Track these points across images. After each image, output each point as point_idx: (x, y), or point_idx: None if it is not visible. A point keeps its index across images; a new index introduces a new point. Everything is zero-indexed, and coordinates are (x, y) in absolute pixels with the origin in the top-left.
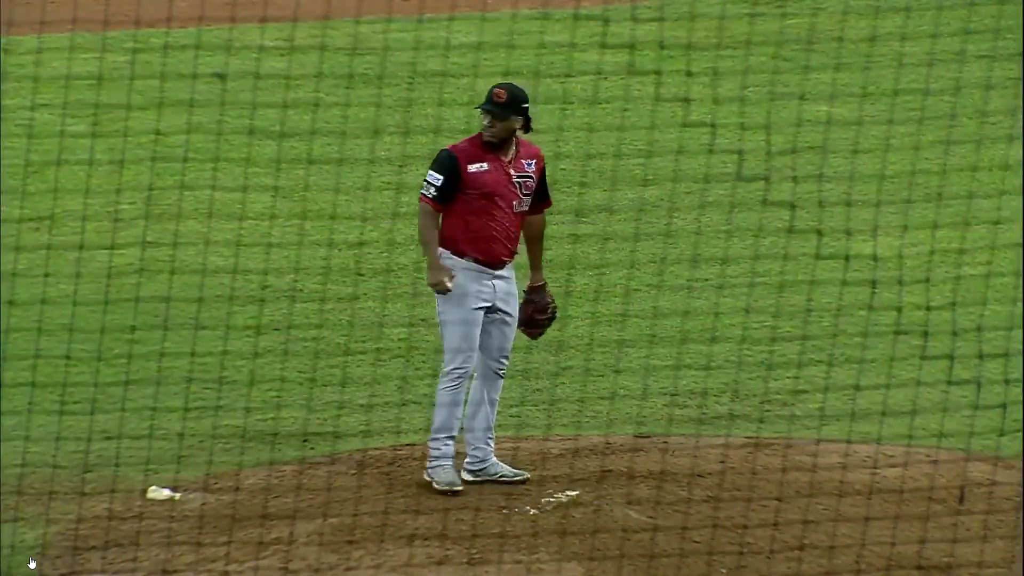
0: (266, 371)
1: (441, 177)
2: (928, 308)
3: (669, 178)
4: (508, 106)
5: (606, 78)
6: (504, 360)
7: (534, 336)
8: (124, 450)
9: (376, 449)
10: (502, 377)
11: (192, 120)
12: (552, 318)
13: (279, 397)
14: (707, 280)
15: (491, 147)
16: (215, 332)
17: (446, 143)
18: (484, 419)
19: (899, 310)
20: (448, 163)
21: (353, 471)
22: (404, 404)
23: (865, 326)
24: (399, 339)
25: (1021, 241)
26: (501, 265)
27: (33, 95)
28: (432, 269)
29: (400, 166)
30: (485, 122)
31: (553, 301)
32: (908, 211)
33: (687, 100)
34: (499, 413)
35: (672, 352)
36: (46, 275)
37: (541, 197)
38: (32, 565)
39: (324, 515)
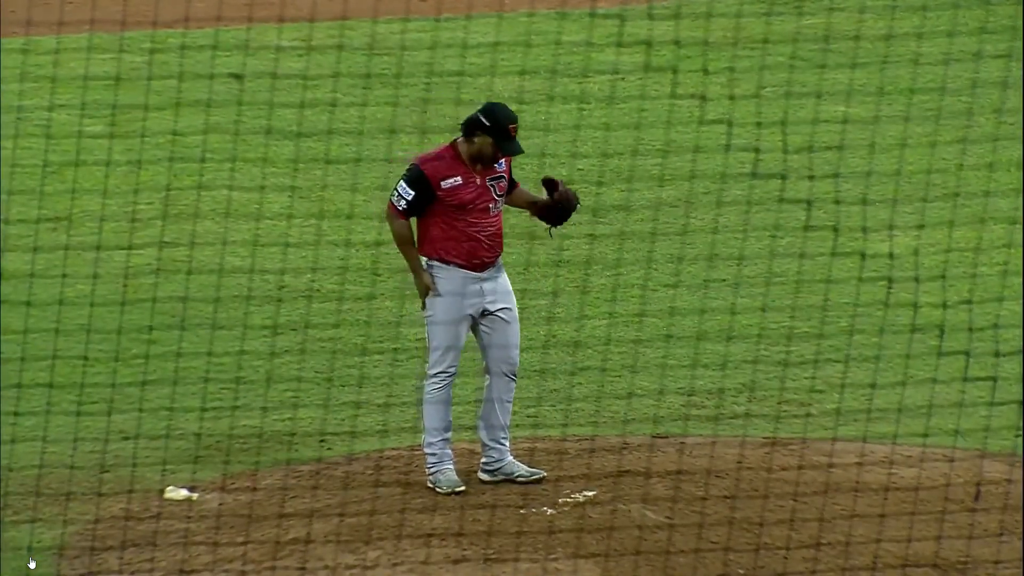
0: (283, 371)
1: (413, 192)
2: (944, 306)
3: (686, 177)
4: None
5: (623, 77)
6: (511, 360)
7: (555, 221)
8: (141, 450)
9: (393, 449)
10: (513, 378)
11: (209, 120)
12: (567, 203)
13: (296, 397)
14: (724, 279)
15: (466, 159)
16: (232, 332)
17: None
18: (497, 418)
19: (915, 308)
20: (420, 181)
21: (370, 471)
22: (421, 403)
23: (881, 324)
24: (416, 339)
25: None
26: (485, 267)
27: (51, 95)
28: (417, 274)
29: None
30: (501, 160)
31: (571, 195)
32: (924, 209)
33: (704, 99)
34: (516, 413)
35: (689, 351)
36: (64, 275)
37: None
38: (32, 565)
39: (341, 515)
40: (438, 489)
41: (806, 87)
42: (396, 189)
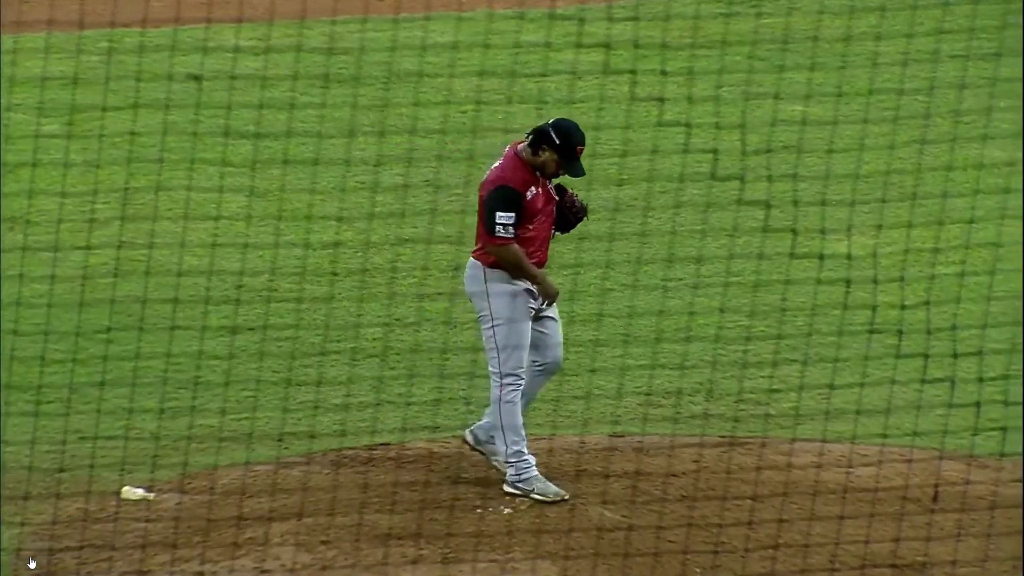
0: (241, 372)
1: (513, 215)
2: (902, 307)
3: (644, 178)
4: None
5: (581, 78)
6: (559, 357)
7: (562, 228)
8: (99, 451)
9: (351, 449)
10: (551, 375)
11: (167, 121)
12: (571, 209)
13: (254, 397)
14: (682, 280)
15: (532, 167)
16: (190, 333)
17: (422, 143)
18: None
19: (873, 309)
20: (515, 199)
21: (328, 471)
22: (379, 404)
23: (839, 325)
24: (374, 339)
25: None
26: (541, 267)
27: (8, 96)
28: (543, 282)
29: (376, 166)
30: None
31: (578, 203)
32: (882, 210)
33: (662, 100)
34: (472, 413)
35: (647, 352)
36: (21, 276)
37: None
38: (32, 565)
39: (299, 515)
40: (536, 496)
41: (764, 88)
42: (496, 222)
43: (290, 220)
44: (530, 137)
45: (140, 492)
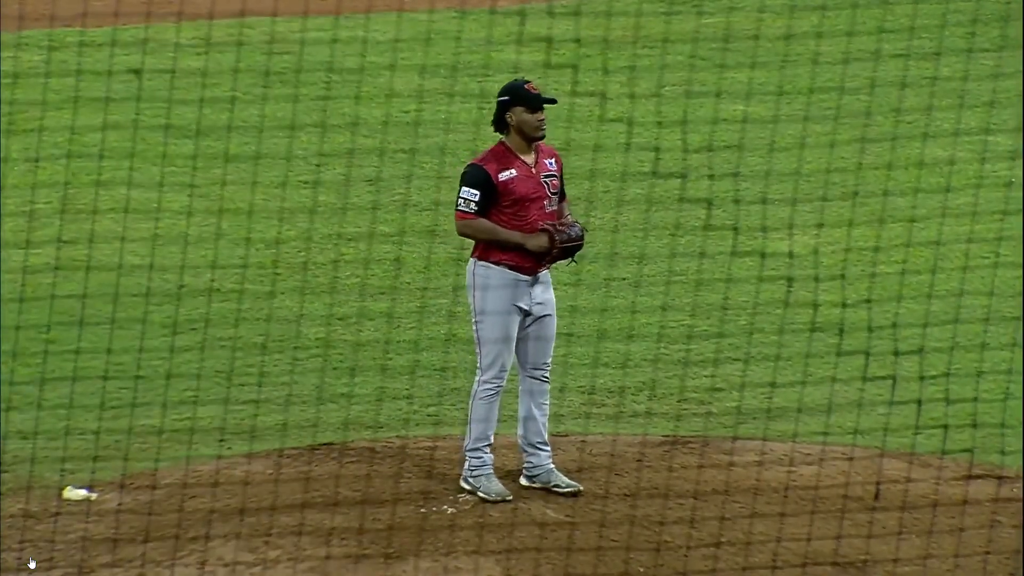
0: (183, 369)
1: (478, 192)
2: (844, 305)
3: (586, 176)
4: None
5: (523, 75)
6: (548, 362)
7: (565, 256)
8: (40, 450)
9: (293, 448)
10: (547, 381)
11: (108, 118)
12: (574, 239)
13: (196, 395)
14: (624, 278)
15: (517, 151)
16: (131, 330)
17: (363, 140)
18: (537, 432)
19: (815, 307)
20: (482, 178)
21: (270, 469)
22: (321, 402)
23: (781, 323)
24: (317, 337)
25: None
26: (537, 269)
27: None
28: (528, 240)
29: (317, 164)
30: (542, 118)
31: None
32: (824, 209)
33: (604, 97)
34: (415, 412)
35: (590, 350)
36: None
37: (562, 194)
38: (32, 565)
39: (241, 513)
40: (480, 494)
41: (706, 86)
42: (459, 197)
43: (231, 216)
44: (495, 125)
45: (83, 492)
